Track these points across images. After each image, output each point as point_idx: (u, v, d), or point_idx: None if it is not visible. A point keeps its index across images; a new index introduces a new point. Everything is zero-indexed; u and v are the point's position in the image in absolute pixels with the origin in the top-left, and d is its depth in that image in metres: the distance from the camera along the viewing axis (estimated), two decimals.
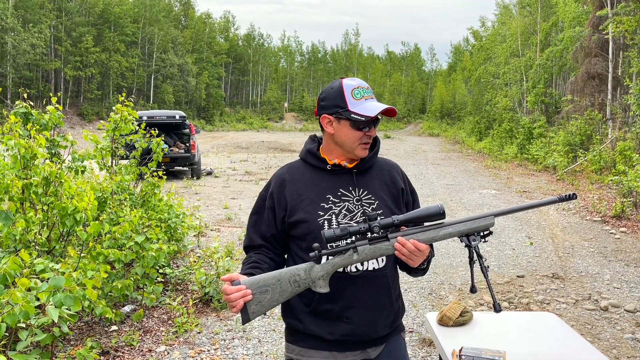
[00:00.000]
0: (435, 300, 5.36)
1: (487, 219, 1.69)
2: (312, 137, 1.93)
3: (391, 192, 1.87)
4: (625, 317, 4.90)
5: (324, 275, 1.68)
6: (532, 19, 27.61)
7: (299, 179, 1.84)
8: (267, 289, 1.65)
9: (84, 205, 3.77)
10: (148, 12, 49.76)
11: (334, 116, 1.78)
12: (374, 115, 1.72)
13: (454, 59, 71.58)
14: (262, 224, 1.87)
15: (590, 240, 7.92)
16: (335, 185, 1.81)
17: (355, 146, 1.79)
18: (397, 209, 1.86)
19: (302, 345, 1.82)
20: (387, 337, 1.85)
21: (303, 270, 1.68)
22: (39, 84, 40.84)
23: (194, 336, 4.31)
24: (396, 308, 1.86)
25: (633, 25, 13.37)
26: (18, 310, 2.56)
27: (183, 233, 6.12)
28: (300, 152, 1.92)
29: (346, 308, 1.75)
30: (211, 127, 49.58)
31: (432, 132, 47.34)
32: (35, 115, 4.43)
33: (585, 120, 17.13)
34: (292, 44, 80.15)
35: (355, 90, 1.76)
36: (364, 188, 1.83)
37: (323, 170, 1.84)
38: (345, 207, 1.78)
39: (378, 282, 1.77)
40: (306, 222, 1.77)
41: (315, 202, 1.78)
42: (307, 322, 1.79)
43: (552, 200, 1.71)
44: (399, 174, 1.94)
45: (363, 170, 1.86)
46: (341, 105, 1.76)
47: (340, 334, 1.76)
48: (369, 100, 1.76)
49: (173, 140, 15.89)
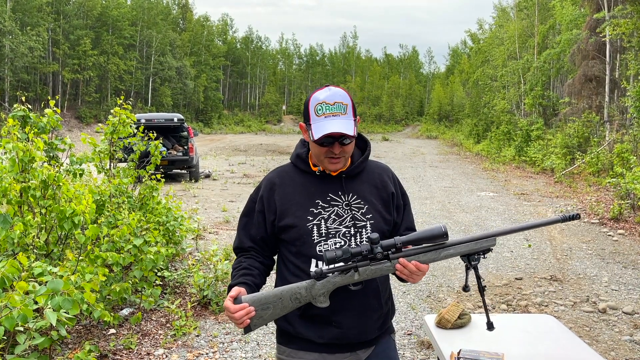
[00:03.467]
0: (434, 302, 5.36)
1: (489, 240, 1.69)
2: (303, 142, 1.92)
3: (381, 196, 1.87)
4: (623, 319, 4.91)
5: (324, 292, 1.70)
6: (529, 22, 27.68)
7: (288, 183, 1.85)
8: (268, 306, 1.70)
9: (82, 208, 3.76)
10: (146, 15, 49.76)
11: (306, 125, 1.78)
12: (316, 138, 1.69)
13: (452, 61, 71.72)
14: (252, 226, 1.89)
15: (588, 242, 7.93)
16: (324, 190, 1.82)
17: (321, 159, 1.79)
18: (387, 212, 1.86)
19: (293, 347, 1.84)
20: (376, 339, 1.86)
21: (304, 289, 1.70)
22: (37, 86, 40.78)
23: (193, 339, 4.30)
24: (385, 310, 1.87)
25: (630, 27, 13.42)
26: (16, 313, 2.55)
27: (181, 236, 6.12)
28: (290, 155, 1.92)
29: (335, 312, 1.76)
30: (209, 129, 49.56)
31: (430, 134, 47.36)
32: (33, 118, 4.42)
33: (583, 123, 17.16)
34: (290, 47, 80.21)
35: (319, 105, 1.72)
36: (353, 193, 1.83)
37: (312, 175, 1.85)
38: (334, 212, 1.79)
39: (367, 287, 1.77)
40: (295, 227, 1.78)
41: (305, 207, 1.79)
42: (297, 325, 1.80)
43: (555, 219, 1.71)
44: (389, 177, 1.94)
45: (352, 175, 1.86)
46: (307, 118, 1.76)
47: (329, 338, 1.77)
48: (329, 119, 1.70)
49: (171, 143, 15.88)
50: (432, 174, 17.55)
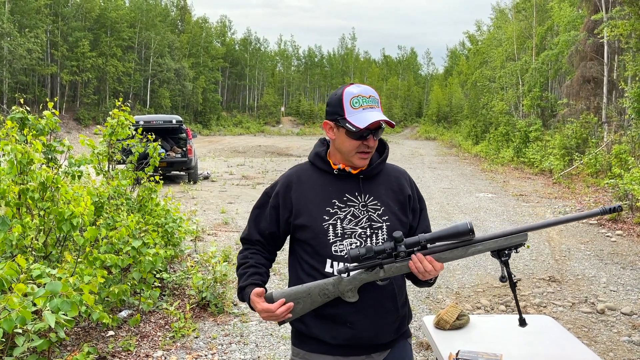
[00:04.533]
0: (432, 303, 5.37)
1: (519, 236, 1.67)
2: (322, 140, 1.94)
3: (398, 199, 1.87)
4: (622, 320, 4.92)
5: (352, 288, 1.72)
6: (527, 23, 27.72)
7: (306, 181, 1.86)
8: (299, 301, 1.75)
9: (81, 210, 3.76)
10: (145, 17, 49.74)
11: (334, 123, 1.79)
12: (363, 127, 1.70)
13: (450, 62, 71.75)
14: (262, 220, 1.89)
15: (587, 243, 7.95)
16: (342, 190, 1.82)
17: (352, 155, 1.79)
18: (404, 215, 1.86)
19: (307, 349, 1.84)
20: (392, 343, 1.85)
21: (332, 285, 1.73)
22: (36, 88, 40.73)
23: (191, 341, 4.30)
24: (402, 314, 1.86)
25: (628, 29, 13.45)
26: (15, 315, 2.55)
27: (180, 238, 6.11)
28: (309, 154, 1.93)
29: (350, 313, 1.76)
30: (208, 131, 49.56)
31: (428, 135, 47.42)
32: (31, 120, 4.42)
33: (581, 124, 17.19)
34: (289, 48, 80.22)
35: (355, 98, 1.75)
36: (370, 194, 1.83)
37: (330, 174, 1.85)
38: (350, 213, 1.79)
39: (383, 288, 1.78)
40: (311, 226, 1.78)
41: (321, 207, 1.80)
42: (312, 325, 1.81)
43: (594, 212, 1.66)
44: (407, 180, 1.94)
45: (370, 176, 1.86)
46: (339, 113, 1.77)
47: (343, 339, 1.77)
48: (367, 110, 1.74)
49: (170, 145, 15.87)
50: (430, 175, 17.56)
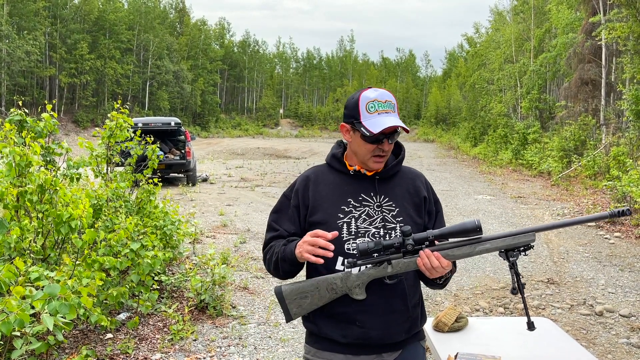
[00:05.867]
0: (431, 306, 5.37)
1: (527, 235, 1.67)
2: (339, 142, 1.97)
3: (413, 201, 1.88)
4: (620, 322, 4.92)
5: (359, 284, 1.73)
6: (525, 26, 27.79)
7: (322, 180, 1.89)
8: (306, 295, 1.77)
9: (79, 212, 3.76)
10: (143, 19, 49.76)
11: (350, 126, 1.83)
12: (376, 132, 1.72)
13: (449, 65, 71.83)
14: (284, 222, 1.90)
15: (585, 245, 7.96)
16: (357, 190, 1.84)
17: (367, 158, 1.82)
18: (418, 216, 1.87)
19: (318, 347, 1.86)
20: (404, 343, 1.85)
21: (339, 279, 1.74)
22: (34, 91, 40.70)
23: (190, 343, 4.29)
24: (414, 315, 1.85)
25: (625, 31, 13.49)
26: (13, 318, 2.55)
27: (178, 240, 6.11)
28: (326, 156, 1.96)
29: (359, 311, 1.77)
30: (207, 133, 49.56)
31: (427, 137, 47.48)
32: (30, 122, 4.41)
33: (579, 126, 17.23)
34: (288, 51, 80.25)
35: (371, 103, 1.78)
36: (385, 195, 1.85)
37: (346, 175, 1.88)
38: (365, 212, 1.81)
39: (393, 287, 1.78)
40: (326, 223, 1.80)
41: (336, 205, 1.82)
42: (322, 325, 1.82)
43: (603, 215, 1.67)
44: (422, 183, 1.96)
45: (386, 178, 1.88)
46: (355, 117, 1.79)
47: (353, 337, 1.78)
48: (382, 115, 1.76)
49: (168, 147, 15.88)
50: (429, 177, 17.35)
